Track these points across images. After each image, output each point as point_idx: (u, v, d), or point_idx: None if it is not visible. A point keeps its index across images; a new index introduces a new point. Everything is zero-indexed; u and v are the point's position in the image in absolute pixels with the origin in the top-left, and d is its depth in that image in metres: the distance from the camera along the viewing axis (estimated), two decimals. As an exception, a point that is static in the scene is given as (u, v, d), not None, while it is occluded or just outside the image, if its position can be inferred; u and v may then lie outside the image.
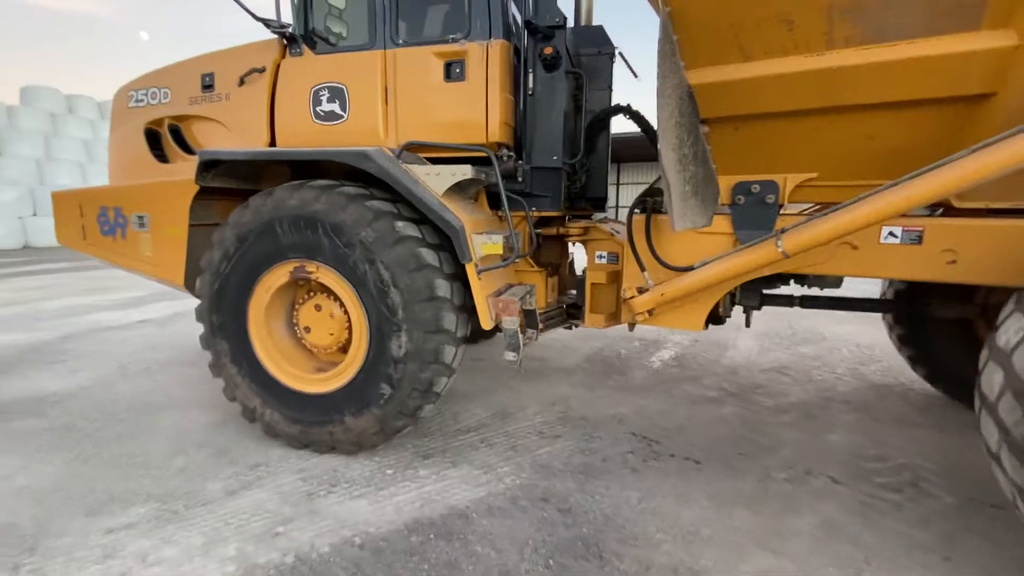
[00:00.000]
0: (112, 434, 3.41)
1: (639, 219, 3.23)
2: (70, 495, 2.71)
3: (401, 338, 2.85)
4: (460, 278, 3.02)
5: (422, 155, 3.32)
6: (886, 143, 2.58)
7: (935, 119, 2.42)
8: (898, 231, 2.66)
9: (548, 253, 4.09)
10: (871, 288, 3.73)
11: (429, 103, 3.28)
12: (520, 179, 3.40)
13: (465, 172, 3.01)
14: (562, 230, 3.74)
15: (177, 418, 3.63)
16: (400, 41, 3.32)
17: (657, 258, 3.12)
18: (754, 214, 2.89)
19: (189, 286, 3.61)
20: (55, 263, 13.76)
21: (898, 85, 2.34)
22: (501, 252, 2.99)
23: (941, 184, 2.20)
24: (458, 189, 3.16)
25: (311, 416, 3.11)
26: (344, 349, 3.20)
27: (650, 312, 3.18)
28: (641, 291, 3.17)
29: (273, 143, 3.59)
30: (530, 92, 3.32)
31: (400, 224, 2.87)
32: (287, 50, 3.54)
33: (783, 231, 2.70)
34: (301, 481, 2.86)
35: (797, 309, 3.67)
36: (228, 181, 3.48)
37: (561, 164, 3.39)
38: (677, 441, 3.38)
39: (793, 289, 3.48)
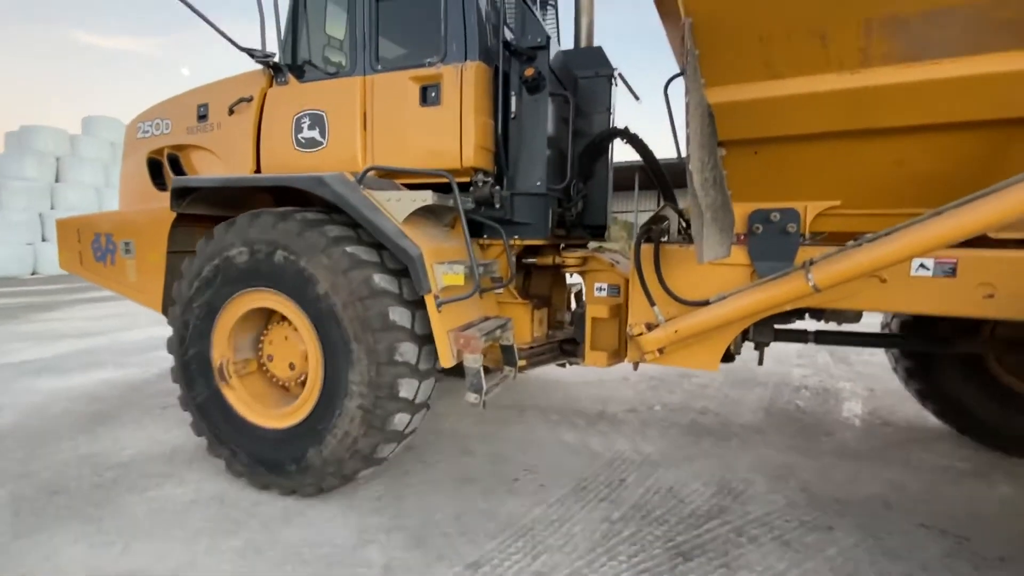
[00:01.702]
0: (275, 511, 2.82)
1: (647, 249, 2.95)
2: (266, 609, 2.10)
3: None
4: (423, 306, 2.75)
5: (400, 181, 3.17)
6: (916, 169, 2.41)
7: (972, 143, 2.26)
8: (930, 263, 2.46)
9: (538, 284, 3.81)
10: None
11: (404, 128, 3.16)
12: (498, 205, 3.13)
13: (425, 198, 2.81)
14: (558, 260, 3.47)
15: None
16: (379, 67, 3.22)
17: (668, 292, 2.86)
18: (773, 244, 2.69)
19: (166, 313, 3.49)
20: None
21: (937, 106, 2.17)
22: (463, 283, 2.70)
23: (998, 212, 1.99)
24: (431, 215, 2.98)
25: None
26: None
27: (660, 351, 2.90)
28: (651, 327, 2.89)
29: (259, 170, 3.52)
30: (512, 115, 3.15)
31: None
32: (274, 79, 3.49)
33: (811, 262, 2.45)
34: (549, 593, 2.20)
35: None
36: (209, 208, 3.40)
37: (545, 190, 3.18)
38: (991, 538, 2.62)
39: (807, 324, 3.25)
